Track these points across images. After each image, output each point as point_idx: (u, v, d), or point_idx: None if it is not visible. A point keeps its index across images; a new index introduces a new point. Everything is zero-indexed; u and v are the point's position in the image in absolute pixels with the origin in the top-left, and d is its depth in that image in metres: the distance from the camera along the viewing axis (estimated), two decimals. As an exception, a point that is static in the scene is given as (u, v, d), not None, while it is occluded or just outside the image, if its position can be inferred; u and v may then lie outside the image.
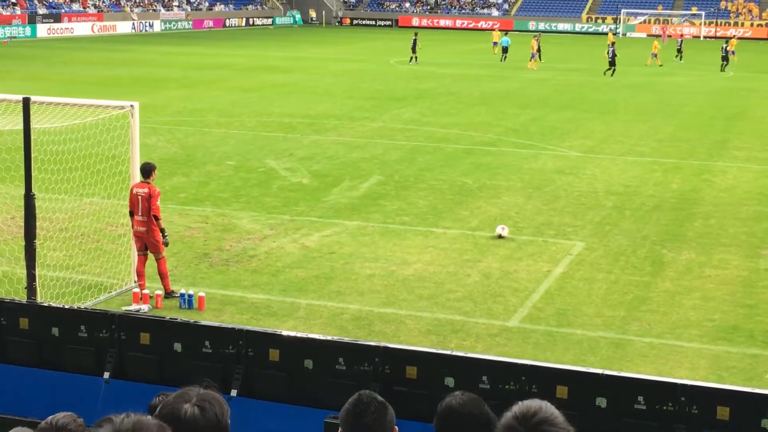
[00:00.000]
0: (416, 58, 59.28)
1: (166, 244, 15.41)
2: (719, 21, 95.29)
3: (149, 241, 15.21)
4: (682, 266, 17.71)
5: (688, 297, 15.96)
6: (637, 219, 21.13)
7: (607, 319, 14.83)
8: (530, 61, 58.33)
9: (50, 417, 4.07)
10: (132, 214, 15.28)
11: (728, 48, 60.37)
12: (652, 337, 14.18)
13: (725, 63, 59.49)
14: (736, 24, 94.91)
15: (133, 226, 15.35)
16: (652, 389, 8.77)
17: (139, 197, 15.09)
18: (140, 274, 15.37)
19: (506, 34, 66.59)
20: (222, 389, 8.16)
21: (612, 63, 53.84)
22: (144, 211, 15.07)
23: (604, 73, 53.54)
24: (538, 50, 58.66)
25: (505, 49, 62.32)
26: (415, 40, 59.81)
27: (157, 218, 15.11)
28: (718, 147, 30.78)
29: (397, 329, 14.20)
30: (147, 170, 15.39)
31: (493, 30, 72.82)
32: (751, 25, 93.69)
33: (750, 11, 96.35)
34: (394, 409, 4.49)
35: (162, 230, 15.23)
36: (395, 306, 15.23)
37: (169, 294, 15.26)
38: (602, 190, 23.94)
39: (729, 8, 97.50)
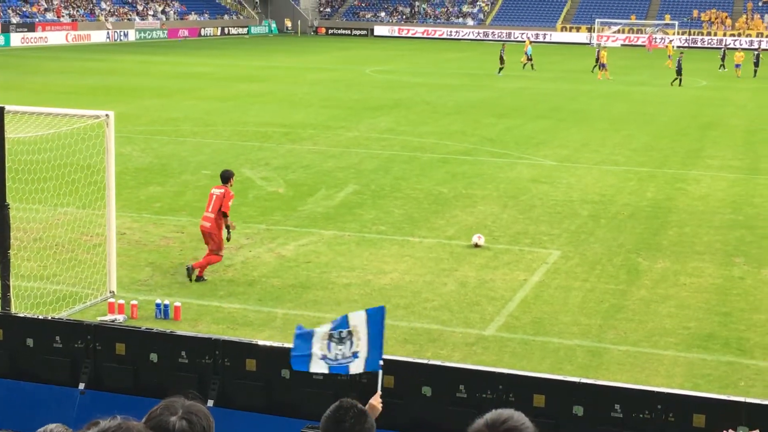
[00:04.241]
0: (502, 69, 59.80)
1: (228, 239, 16.97)
2: (692, 30, 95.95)
3: (211, 236, 16.62)
4: (657, 274, 17.79)
5: (663, 305, 16.03)
6: (612, 227, 21.22)
7: (583, 328, 14.87)
8: (604, 71, 58.86)
9: None
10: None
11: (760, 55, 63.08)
12: (628, 345, 14.23)
13: (757, 69, 61.76)
14: (709, 33, 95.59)
15: (202, 220, 16.84)
16: (629, 397, 8.80)
17: (214, 196, 16.63)
18: (201, 267, 16.78)
19: (531, 43, 68.85)
20: (198, 399, 8.12)
21: (678, 73, 54.94)
22: (214, 209, 16.52)
23: (671, 84, 54.50)
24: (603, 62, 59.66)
25: (529, 58, 64.02)
26: (502, 51, 60.89)
27: (225, 215, 16.53)
28: (692, 156, 30.97)
29: (374, 338, 14.16)
30: (225, 177, 16.99)
31: (525, 41, 73.60)
32: (724, 34, 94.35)
33: (722, 21, 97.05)
34: (370, 419, 4.50)
35: (227, 226, 16.69)
36: (372, 315, 15.19)
37: (196, 276, 16.59)
38: (578, 198, 24.02)
39: (702, 18, 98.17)
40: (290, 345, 7.42)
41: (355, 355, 7.21)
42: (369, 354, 7.20)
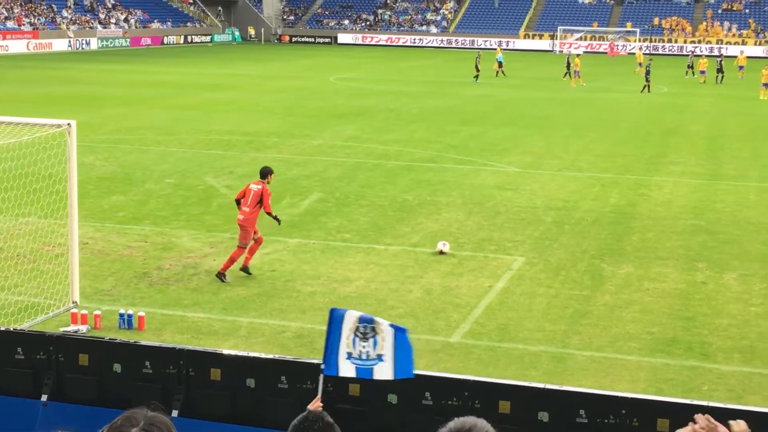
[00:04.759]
0: (477, 76, 60.31)
1: (279, 223, 18.11)
2: (653, 38, 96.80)
3: (243, 227, 17.17)
4: (621, 280, 17.90)
5: (627, 310, 16.13)
6: (576, 233, 21.33)
7: (548, 334, 14.93)
8: (577, 78, 60.10)
9: None
10: (238, 203, 17.52)
11: (723, 62, 63.68)
12: (592, 350, 14.30)
13: (721, 75, 62.29)
14: (670, 40, 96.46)
15: (239, 213, 17.38)
16: (594, 402, 8.84)
17: (252, 191, 17.30)
18: (251, 251, 17.46)
19: (501, 51, 70.00)
20: (163, 410, 8.06)
21: (646, 79, 55.47)
22: (251, 204, 17.16)
23: (642, 91, 54.77)
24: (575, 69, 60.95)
25: (500, 65, 64.76)
26: (477, 59, 61.79)
27: (269, 214, 17.40)
28: (654, 162, 31.21)
29: (340, 346, 14.14)
30: (264, 173, 17.66)
31: (497, 49, 74.32)
32: (684, 41, 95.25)
33: (683, 29, 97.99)
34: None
35: (276, 217, 17.69)
36: (337, 323, 15.16)
37: (221, 275, 17.13)
38: (541, 205, 24.13)
39: (663, 25, 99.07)
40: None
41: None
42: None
